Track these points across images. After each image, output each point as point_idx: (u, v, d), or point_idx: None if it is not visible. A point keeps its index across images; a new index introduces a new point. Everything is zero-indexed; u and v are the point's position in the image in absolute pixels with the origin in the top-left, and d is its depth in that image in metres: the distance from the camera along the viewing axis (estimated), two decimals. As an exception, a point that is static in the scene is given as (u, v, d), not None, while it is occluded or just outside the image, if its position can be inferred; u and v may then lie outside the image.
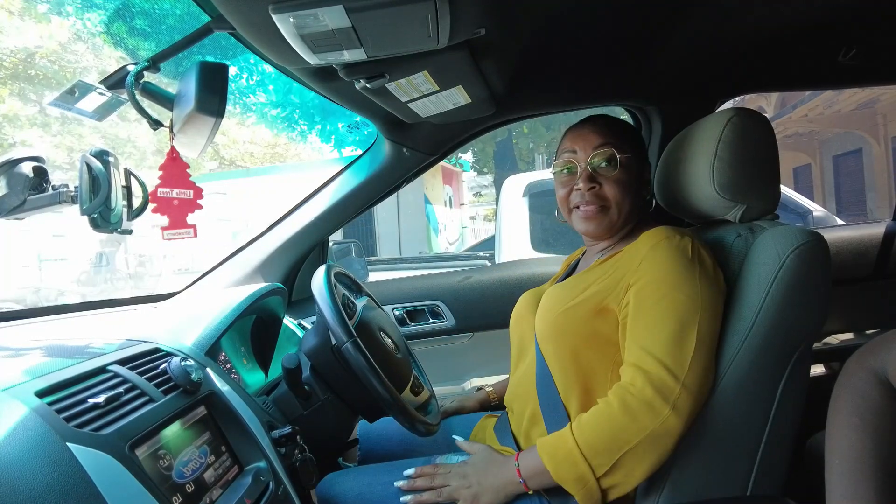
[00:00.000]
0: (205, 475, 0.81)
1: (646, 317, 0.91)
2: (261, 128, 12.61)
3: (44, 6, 8.26)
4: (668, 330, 0.88)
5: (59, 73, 8.85)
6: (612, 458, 0.86)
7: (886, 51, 1.42)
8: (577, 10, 1.09)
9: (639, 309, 0.92)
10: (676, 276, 0.91)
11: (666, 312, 0.89)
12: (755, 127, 0.99)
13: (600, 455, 0.86)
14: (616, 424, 0.86)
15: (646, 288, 0.92)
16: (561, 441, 0.90)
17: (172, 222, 0.92)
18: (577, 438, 0.88)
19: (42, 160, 0.91)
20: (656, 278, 0.92)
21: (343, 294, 1.20)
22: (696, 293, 0.90)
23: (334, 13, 0.74)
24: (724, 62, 1.41)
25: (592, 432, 0.88)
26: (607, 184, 1.03)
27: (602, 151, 1.03)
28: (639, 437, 0.85)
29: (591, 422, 0.89)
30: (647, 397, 0.86)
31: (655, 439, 0.85)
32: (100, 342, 0.97)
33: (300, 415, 1.11)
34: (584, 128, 1.07)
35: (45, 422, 0.64)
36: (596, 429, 0.88)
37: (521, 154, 13.55)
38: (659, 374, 0.86)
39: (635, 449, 0.85)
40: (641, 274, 0.94)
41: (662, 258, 0.93)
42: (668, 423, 0.85)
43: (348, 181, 1.63)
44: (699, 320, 0.89)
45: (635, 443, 0.85)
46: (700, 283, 0.91)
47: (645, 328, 0.90)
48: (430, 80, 1.07)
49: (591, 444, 0.87)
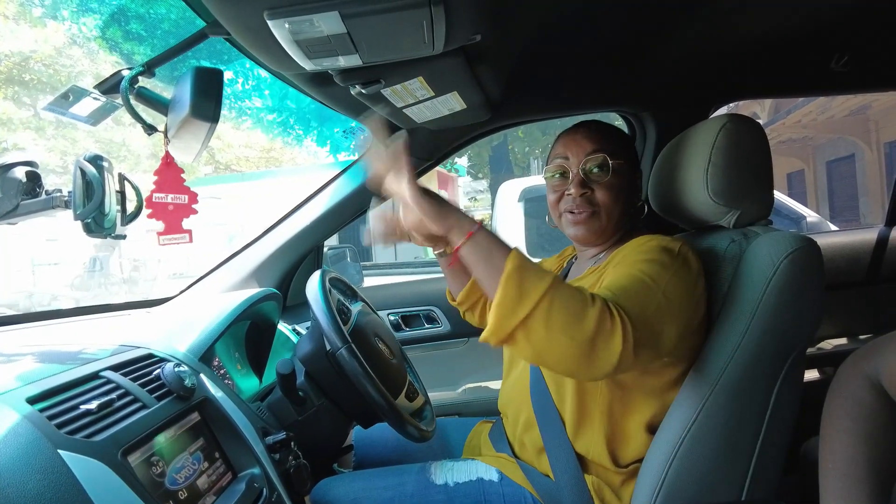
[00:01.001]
0: (198, 482, 0.80)
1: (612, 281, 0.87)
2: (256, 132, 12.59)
3: (39, 10, 8.25)
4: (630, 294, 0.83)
5: (54, 77, 8.82)
6: (552, 328, 0.76)
7: (877, 58, 1.43)
8: (572, 18, 1.10)
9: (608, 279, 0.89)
10: (650, 265, 0.88)
11: (626, 283, 0.85)
12: (748, 133, 1.00)
13: (549, 315, 0.76)
14: (583, 315, 0.76)
15: (617, 267, 0.91)
16: (538, 270, 0.80)
17: (168, 228, 0.92)
18: (553, 287, 0.77)
19: (35, 164, 0.91)
20: (631, 261, 0.90)
21: (338, 299, 1.20)
22: (661, 281, 0.86)
23: (330, 19, 0.75)
24: (718, 69, 1.42)
25: (565, 298, 0.77)
26: (599, 189, 1.03)
27: (594, 157, 1.03)
28: (583, 339, 0.76)
29: (571, 294, 0.78)
30: (614, 323, 0.77)
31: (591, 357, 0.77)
32: (93, 348, 0.96)
33: (294, 421, 1.11)
34: (577, 133, 1.07)
35: (36, 429, 0.64)
36: (569, 300, 0.77)
37: (517, 159, 13.57)
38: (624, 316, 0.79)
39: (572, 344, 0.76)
40: (619, 261, 0.93)
41: (644, 249, 0.93)
42: (612, 356, 0.77)
43: (344, 186, 1.63)
44: (655, 305, 0.83)
45: (578, 340, 0.76)
46: (672, 277, 0.87)
47: (605, 287, 0.86)
48: (425, 86, 1.08)
49: (554, 301, 0.76)
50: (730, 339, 0.90)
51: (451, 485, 1.02)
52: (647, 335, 0.81)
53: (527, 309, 0.76)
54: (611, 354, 0.76)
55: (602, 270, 1.00)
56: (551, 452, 1.00)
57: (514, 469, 1.05)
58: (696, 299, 0.92)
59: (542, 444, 1.02)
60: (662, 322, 0.84)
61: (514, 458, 1.07)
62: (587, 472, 0.98)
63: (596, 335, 0.76)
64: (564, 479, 0.98)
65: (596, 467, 0.99)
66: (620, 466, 0.98)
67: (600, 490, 0.97)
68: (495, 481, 1.03)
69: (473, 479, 1.03)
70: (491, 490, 1.01)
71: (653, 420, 0.97)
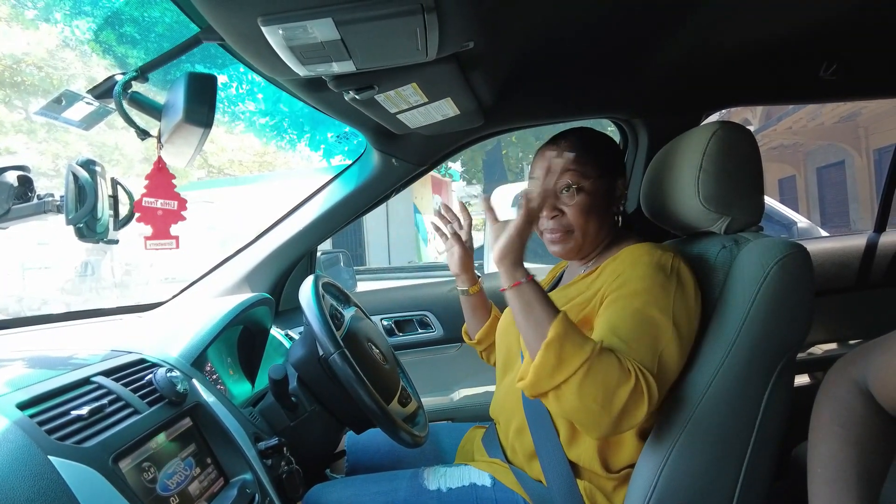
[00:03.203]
0: (190, 488, 0.80)
1: (619, 327, 0.89)
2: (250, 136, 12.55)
3: (31, 12, 8.20)
4: (642, 343, 0.87)
5: (46, 80, 8.77)
6: (584, 398, 0.81)
7: (865, 66, 1.45)
8: (565, 25, 1.11)
9: (613, 317, 0.91)
10: (653, 292, 0.91)
11: (639, 326, 0.88)
12: (739, 140, 1.01)
13: (583, 386, 0.81)
14: (616, 391, 0.81)
15: (621, 299, 0.92)
16: (580, 338, 0.84)
17: (155, 232, 0.92)
18: (592, 358, 0.82)
19: (27, 169, 0.91)
20: (633, 291, 0.92)
21: (331, 304, 1.20)
22: (669, 310, 0.89)
23: (323, 25, 0.75)
24: (710, 76, 1.43)
25: (601, 372, 0.81)
26: (569, 210, 1.03)
27: (562, 179, 1.03)
28: (612, 417, 0.81)
29: (609, 367, 0.82)
30: (642, 395, 0.82)
31: (616, 427, 0.83)
32: (84, 353, 0.96)
33: (287, 426, 1.10)
34: (549, 151, 1.07)
35: (26, 434, 0.64)
36: (605, 374, 0.81)
37: (510, 164, 13.62)
38: (650, 380, 0.84)
39: (601, 416, 0.82)
40: (618, 285, 0.94)
41: (641, 273, 0.93)
42: (635, 423, 0.83)
43: (337, 191, 1.63)
44: (667, 340, 0.88)
45: (607, 416, 0.82)
46: (675, 302, 0.90)
47: (620, 337, 0.88)
48: (418, 92, 1.08)
49: (591, 372, 0.81)
50: (721, 345, 0.91)
51: (444, 490, 1.02)
52: (666, 381, 0.88)
53: (562, 377, 0.82)
54: (636, 418, 0.83)
55: (595, 279, 1.01)
56: (544, 458, 1.01)
57: (506, 474, 1.05)
58: (696, 315, 0.94)
59: (533, 450, 1.02)
60: (676, 356, 0.89)
61: (507, 464, 1.07)
62: (579, 478, 0.99)
63: (626, 408, 0.82)
64: (557, 485, 0.98)
65: (588, 473, 0.99)
66: (612, 472, 0.98)
67: (592, 495, 0.97)
68: (488, 486, 1.03)
69: (466, 485, 1.03)
70: (483, 495, 1.01)
71: (644, 426, 0.97)
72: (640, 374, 0.83)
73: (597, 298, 0.97)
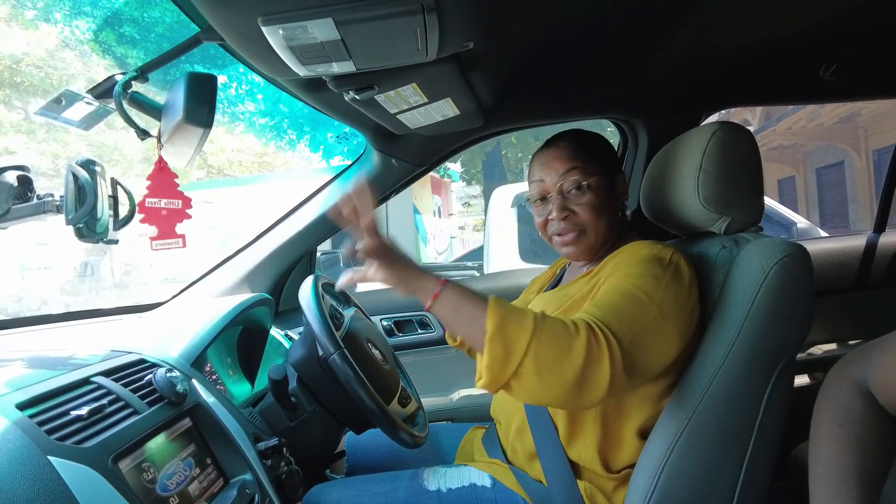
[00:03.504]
0: (189, 488, 0.80)
1: (602, 297, 0.88)
2: (249, 136, 12.54)
3: (31, 13, 8.19)
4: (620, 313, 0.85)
5: (46, 79, 8.76)
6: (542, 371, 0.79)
7: (865, 67, 1.45)
8: (565, 26, 1.11)
9: (600, 294, 0.91)
10: (643, 278, 0.89)
11: (617, 300, 0.87)
12: (739, 140, 1.01)
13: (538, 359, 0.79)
14: (570, 350, 0.79)
15: (611, 279, 0.92)
16: (518, 316, 0.81)
17: (161, 232, 0.92)
18: (536, 331, 0.79)
19: (27, 169, 0.91)
20: (624, 274, 0.91)
21: (330, 305, 1.20)
22: (655, 296, 0.87)
23: (323, 26, 0.75)
24: (709, 77, 1.43)
25: (549, 338, 0.79)
26: (580, 209, 1.03)
27: (569, 178, 1.02)
28: (574, 376, 0.78)
29: (554, 330, 0.80)
30: (600, 348, 0.80)
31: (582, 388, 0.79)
32: (83, 353, 0.95)
33: (286, 426, 1.10)
34: (549, 153, 1.06)
35: (25, 435, 0.64)
36: (554, 338, 0.80)
37: (510, 164, 13.61)
38: (609, 336, 0.81)
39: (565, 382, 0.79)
40: (612, 271, 0.94)
41: (636, 261, 0.93)
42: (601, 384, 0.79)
43: (337, 191, 1.63)
44: (649, 322, 0.85)
45: (569, 378, 0.78)
46: (664, 291, 0.89)
47: (599, 303, 0.87)
48: (418, 93, 1.08)
49: (540, 345, 0.79)
50: (721, 345, 0.91)
51: (444, 491, 1.02)
52: (639, 354, 0.84)
53: (515, 363, 0.79)
54: (601, 381, 0.79)
55: (595, 276, 1.01)
56: (544, 458, 1.00)
57: (506, 475, 1.05)
58: (691, 309, 0.93)
59: (534, 450, 1.02)
60: (657, 338, 0.86)
61: (507, 464, 1.07)
62: (579, 478, 0.99)
63: (585, 365, 0.78)
64: (557, 485, 0.98)
65: (588, 473, 0.99)
66: (612, 472, 0.98)
67: (592, 495, 0.97)
68: (488, 487, 1.03)
69: (466, 485, 1.03)
70: (484, 496, 1.01)
71: (645, 425, 0.97)
72: (594, 328, 0.80)
73: (596, 289, 0.97)
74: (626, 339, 0.82)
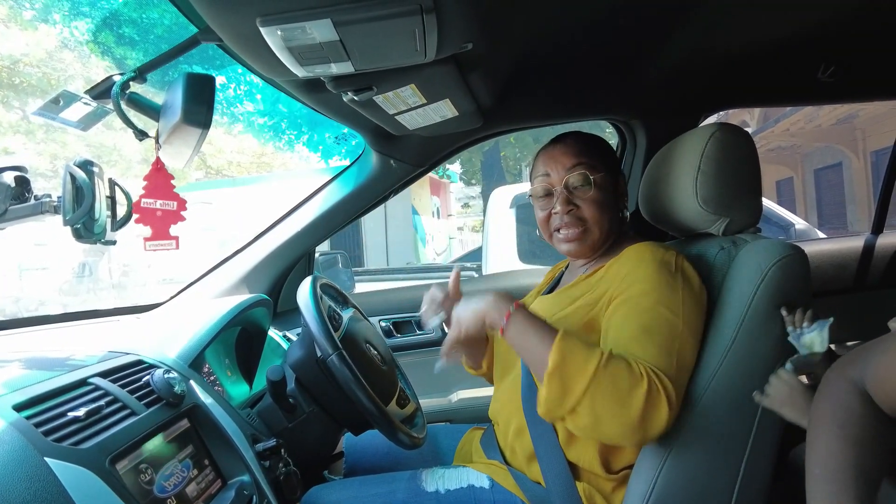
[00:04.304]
0: (187, 489, 0.80)
1: (630, 328, 0.91)
2: (248, 137, 12.54)
3: (30, 13, 8.19)
4: (656, 344, 0.88)
5: (44, 80, 8.75)
6: (598, 412, 0.82)
7: (863, 68, 1.46)
8: (563, 27, 1.11)
9: (625, 319, 0.92)
10: (661, 291, 0.91)
11: (650, 326, 0.89)
12: (737, 141, 1.01)
13: (596, 401, 0.82)
14: (630, 397, 0.82)
15: (631, 300, 0.93)
16: (581, 356, 0.85)
17: (155, 233, 0.92)
18: (598, 373, 0.83)
19: (25, 169, 0.90)
20: (641, 291, 0.92)
21: (329, 306, 1.20)
22: (679, 308, 0.90)
23: (322, 26, 0.75)
24: (708, 78, 1.43)
25: (611, 382, 0.83)
26: (584, 204, 1.04)
27: (575, 173, 1.03)
28: (633, 423, 0.82)
29: (618, 375, 0.83)
30: (659, 396, 0.83)
31: (641, 433, 0.83)
32: (81, 354, 0.95)
33: (285, 428, 1.10)
34: (556, 149, 1.07)
35: (22, 436, 0.63)
36: (616, 383, 0.83)
37: (509, 165, 13.63)
38: (665, 381, 0.84)
39: (622, 425, 0.83)
40: (626, 286, 0.94)
41: (647, 272, 0.94)
42: (660, 427, 0.83)
43: (335, 192, 1.63)
44: (681, 338, 0.89)
45: (628, 424, 0.82)
46: (684, 299, 0.92)
47: (631, 339, 0.90)
48: (417, 94, 1.08)
49: (600, 387, 0.82)
50: (719, 346, 0.91)
51: (443, 492, 1.02)
52: (684, 379, 0.89)
53: (572, 403, 0.83)
54: (659, 421, 0.84)
55: (598, 281, 1.01)
56: (543, 459, 1.00)
57: (505, 476, 1.04)
58: (704, 311, 0.95)
59: (532, 451, 1.02)
60: (690, 354, 0.91)
61: (506, 465, 1.07)
62: (578, 479, 0.98)
63: (645, 410, 0.82)
64: (556, 487, 0.98)
65: (587, 474, 0.99)
66: (611, 473, 0.98)
67: (591, 497, 0.97)
68: (486, 488, 1.02)
69: (464, 487, 1.03)
70: (482, 497, 1.01)
71: None
72: (653, 376, 0.84)
73: (603, 300, 0.97)
74: (674, 373, 0.86)
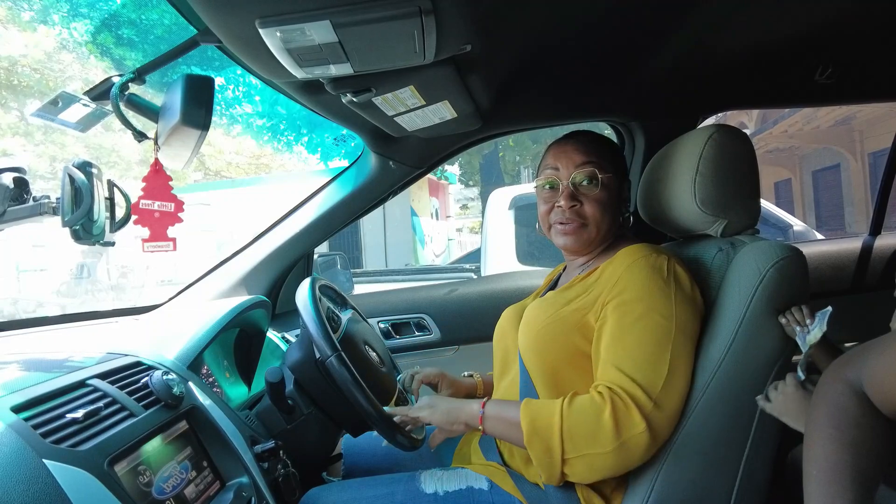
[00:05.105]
0: (186, 491, 0.80)
1: (622, 337, 0.91)
2: (246, 138, 12.53)
3: (28, 14, 8.18)
4: (643, 352, 0.90)
5: (42, 81, 8.75)
6: (582, 451, 0.88)
7: (861, 70, 1.46)
8: (562, 29, 1.11)
9: (615, 327, 0.93)
10: (653, 297, 0.92)
11: (642, 334, 0.90)
12: (736, 143, 1.01)
13: (575, 442, 0.88)
14: (599, 423, 0.87)
15: (622, 307, 0.93)
16: (546, 411, 0.91)
17: (153, 235, 0.92)
18: (564, 418, 0.89)
19: (23, 170, 0.90)
20: (633, 297, 0.93)
21: (328, 307, 1.19)
22: (671, 314, 0.91)
23: (321, 28, 0.75)
24: (706, 80, 1.44)
25: (578, 420, 0.88)
26: (588, 202, 1.04)
27: (584, 170, 1.04)
28: (613, 445, 0.86)
29: (581, 410, 0.89)
30: (628, 409, 0.87)
31: (626, 450, 0.87)
32: (79, 356, 0.95)
33: (283, 429, 1.10)
34: (567, 144, 1.07)
35: (20, 438, 0.63)
36: (582, 418, 0.88)
37: (507, 167, 13.65)
38: (634, 391, 0.87)
39: (607, 453, 0.87)
40: (618, 291, 0.94)
41: (639, 277, 0.94)
42: (641, 438, 0.87)
43: (334, 193, 1.63)
44: (674, 342, 0.90)
45: (609, 448, 0.87)
46: (676, 303, 0.92)
47: (622, 349, 0.91)
48: (416, 95, 1.08)
49: (572, 429, 0.88)
50: (717, 348, 0.91)
51: (441, 493, 1.02)
52: (679, 383, 0.91)
53: (558, 452, 0.88)
54: (635, 434, 0.87)
55: (593, 283, 1.01)
56: (541, 461, 1.01)
57: (503, 477, 1.04)
58: (699, 314, 0.96)
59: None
60: (686, 357, 0.92)
61: (504, 467, 1.07)
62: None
63: (618, 429, 0.86)
64: (554, 488, 0.98)
65: (585, 475, 0.99)
66: (610, 475, 0.98)
67: (590, 499, 0.97)
68: (485, 490, 1.02)
69: (463, 488, 1.03)
70: (481, 499, 1.01)
71: None
72: (615, 393, 0.88)
73: (598, 304, 0.97)
74: (661, 379, 0.89)
